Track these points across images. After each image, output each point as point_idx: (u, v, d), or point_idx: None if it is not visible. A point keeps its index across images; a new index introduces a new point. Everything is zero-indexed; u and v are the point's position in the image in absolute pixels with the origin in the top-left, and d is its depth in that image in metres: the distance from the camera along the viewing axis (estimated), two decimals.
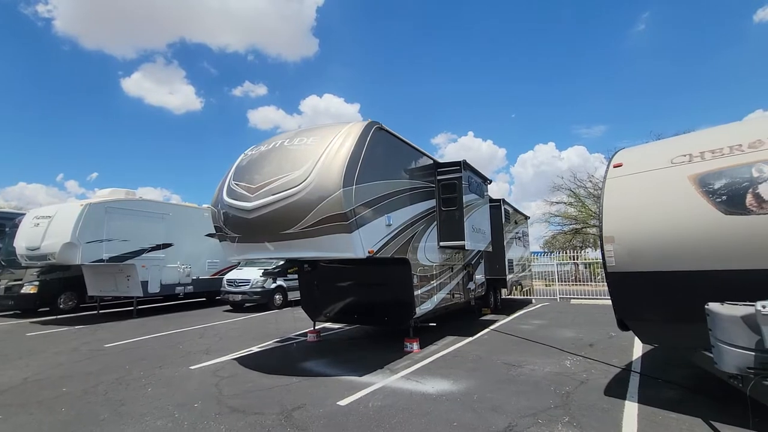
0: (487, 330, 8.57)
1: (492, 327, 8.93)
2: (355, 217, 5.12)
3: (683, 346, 4.40)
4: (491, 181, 9.91)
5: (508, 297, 14.03)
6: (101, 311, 12.30)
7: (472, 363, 5.86)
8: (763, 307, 2.80)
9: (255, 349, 7.12)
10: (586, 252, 25.14)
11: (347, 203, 5.01)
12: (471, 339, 7.58)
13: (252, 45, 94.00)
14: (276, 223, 5.23)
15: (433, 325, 7.47)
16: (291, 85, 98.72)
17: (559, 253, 19.04)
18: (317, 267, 7.14)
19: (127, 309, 12.56)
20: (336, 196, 4.96)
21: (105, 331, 9.16)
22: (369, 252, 5.35)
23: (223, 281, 13.17)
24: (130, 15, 73.75)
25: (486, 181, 9.48)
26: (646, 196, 3.96)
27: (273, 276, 8.46)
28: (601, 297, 14.18)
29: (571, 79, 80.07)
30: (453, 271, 8.34)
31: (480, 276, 10.03)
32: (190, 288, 13.08)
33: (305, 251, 5.33)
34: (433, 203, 7.51)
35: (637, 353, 6.19)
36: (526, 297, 15.40)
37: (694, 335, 3.46)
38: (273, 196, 5.21)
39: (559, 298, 14.96)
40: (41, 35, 65.71)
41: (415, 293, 6.55)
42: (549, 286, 16.58)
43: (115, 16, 74.29)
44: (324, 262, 6.92)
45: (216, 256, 13.48)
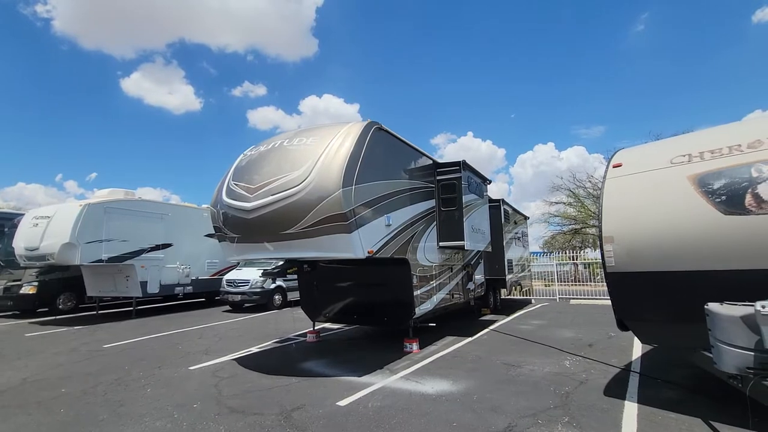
0: (486, 330, 8.57)
1: (491, 327, 8.93)
2: (355, 217, 5.12)
3: (683, 347, 4.40)
4: (491, 182, 9.93)
5: (508, 297, 14.02)
6: (100, 312, 12.30)
7: (471, 363, 5.86)
8: (763, 307, 2.80)
9: (254, 349, 7.11)
10: (585, 252, 25.20)
11: (347, 203, 5.01)
12: (470, 339, 7.58)
13: (251, 45, 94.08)
14: (275, 224, 5.23)
15: (433, 325, 7.47)
16: (290, 86, 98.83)
17: (559, 253, 19.02)
18: (317, 267, 7.14)
19: (127, 309, 12.54)
20: (335, 196, 4.96)
21: (104, 332, 9.15)
22: (368, 252, 5.35)
23: (223, 281, 13.15)
24: (130, 15, 73.78)
25: (485, 181, 9.48)
26: (645, 196, 3.96)
27: (272, 276, 8.45)
28: (600, 297, 14.18)
29: (571, 80, 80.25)
30: (452, 272, 8.34)
31: (479, 276, 10.04)
32: (190, 288, 13.07)
33: (305, 251, 5.33)
34: (432, 203, 7.52)
35: (636, 353, 6.19)
36: (525, 297, 15.42)
37: (694, 335, 3.46)
38: (272, 196, 5.21)
39: (559, 299, 14.97)
40: (40, 35, 65.72)
41: (414, 293, 6.55)
42: (548, 286, 16.60)
43: (115, 15, 74.31)
44: (323, 262, 6.92)
45: (215, 257, 13.48)
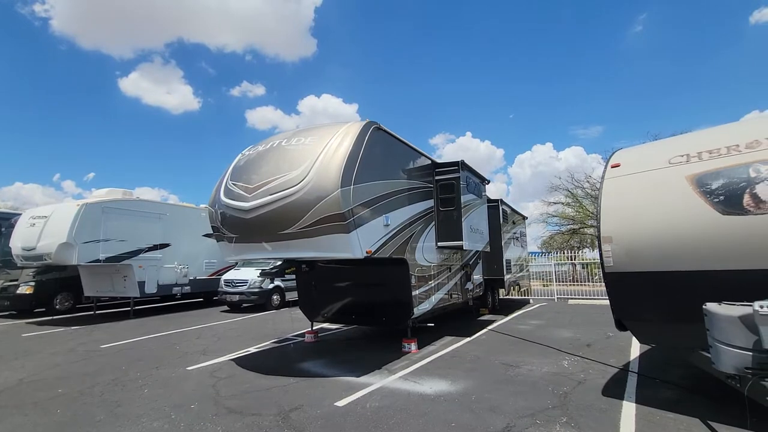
0: (485, 330, 8.57)
1: (490, 327, 8.93)
2: (353, 217, 5.11)
3: (681, 347, 4.40)
4: (489, 182, 9.95)
5: (506, 297, 14.03)
6: (98, 312, 12.26)
7: (470, 363, 5.85)
8: (761, 307, 2.80)
9: (252, 349, 7.09)
10: (583, 252, 25.25)
11: (345, 203, 5.00)
12: (469, 339, 7.57)
13: (250, 45, 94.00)
14: (274, 223, 5.21)
15: (431, 325, 7.46)
16: (289, 85, 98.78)
17: (557, 253, 19.06)
18: (315, 267, 7.12)
19: (124, 309, 12.51)
20: (334, 196, 4.95)
21: (101, 332, 9.11)
22: (367, 252, 5.34)
23: (221, 281, 13.13)
24: (128, 14, 73.64)
25: (484, 181, 9.49)
26: (643, 196, 3.97)
27: (271, 276, 8.42)
28: (598, 297, 14.22)
29: (570, 80, 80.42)
30: (451, 272, 8.34)
31: (478, 276, 10.04)
32: (188, 288, 13.04)
33: (303, 251, 5.31)
34: (431, 203, 7.51)
35: (634, 353, 6.20)
36: (523, 297, 15.44)
37: (692, 335, 3.46)
38: (271, 196, 5.19)
39: (557, 299, 14.98)
40: (38, 35, 65.53)
41: (413, 293, 6.55)
42: (547, 286, 16.61)
43: (113, 15, 74.16)
44: (322, 262, 6.90)
45: (213, 257, 13.46)
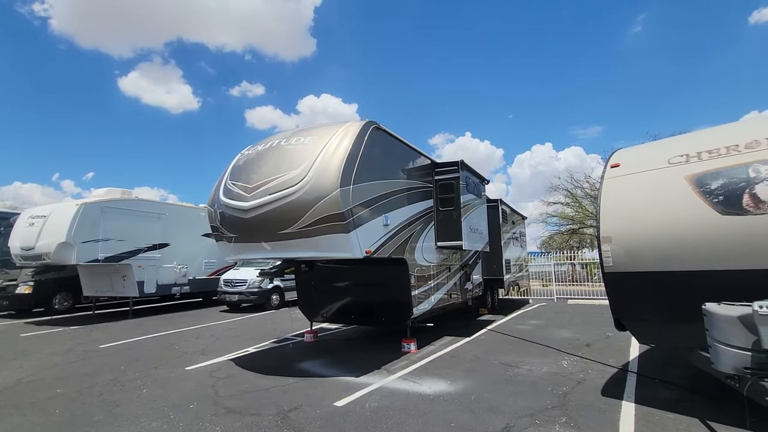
0: (484, 330, 8.57)
1: (489, 327, 8.93)
2: (353, 217, 5.10)
3: (680, 347, 4.40)
4: (488, 182, 9.95)
5: (506, 297, 14.03)
6: (97, 312, 12.24)
7: (469, 363, 5.85)
8: (760, 307, 2.80)
9: (251, 349, 7.09)
10: (582, 252, 25.26)
11: (344, 203, 5.00)
12: (468, 339, 7.57)
13: (249, 45, 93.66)
14: (273, 223, 5.21)
15: (431, 325, 7.46)
16: (288, 85, 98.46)
17: (556, 253, 19.06)
18: (314, 267, 7.12)
19: (123, 309, 12.50)
20: (333, 195, 4.94)
21: (100, 332, 9.10)
22: (366, 252, 5.34)
23: (220, 281, 13.12)
24: (127, 14, 73.46)
25: (483, 181, 9.49)
26: (643, 196, 3.97)
27: (270, 276, 8.41)
28: (598, 297, 14.22)
29: (569, 80, 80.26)
30: (450, 272, 8.33)
31: (477, 276, 10.04)
32: (187, 288, 13.03)
33: (302, 251, 5.31)
34: (430, 203, 7.51)
35: (633, 353, 6.20)
36: (523, 297, 15.45)
37: (692, 335, 3.46)
38: (270, 195, 5.19)
39: (556, 299, 14.98)
40: (37, 34, 65.29)
41: (412, 293, 6.54)
42: (546, 286, 16.62)
43: (112, 15, 73.92)
44: (321, 262, 6.89)
45: (213, 256, 13.45)
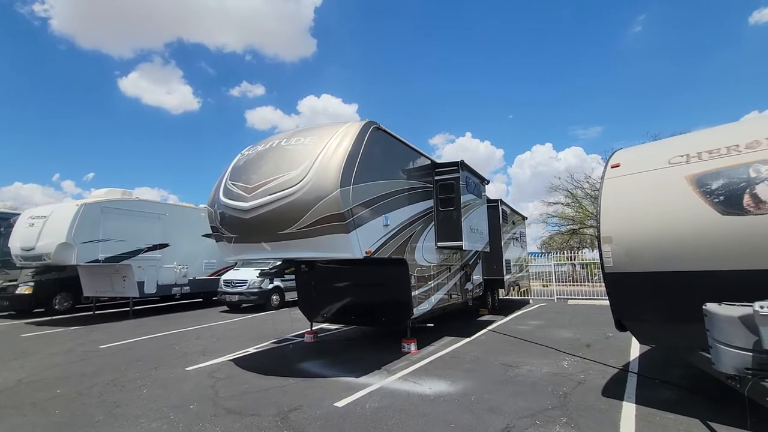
0: (484, 331, 8.56)
1: (489, 328, 8.92)
2: (353, 217, 5.10)
3: (681, 347, 4.40)
4: (489, 182, 9.94)
5: (506, 297, 14.03)
6: (97, 312, 12.25)
7: (469, 364, 5.84)
8: (761, 307, 2.80)
9: (252, 350, 7.08)
10: (583, 252, 25.22)
11: (344, 203, 4.99)
12: (468, 340, 7.57)
13: (249, 45, 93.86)
14: (273, 223, 5.20)
15: (431, 325, 7.45)
16: (289, 86, 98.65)
17: (557, 253, 19.07)
18: (314, 267, 7.11)
19: (123, 310, 12.50)
20: (333, 196, 4.94)
21: (100, 332, 9.10)
22: (366, 252, 5.33)
23: (220, 282, 13.12)
24: (128, 14, 73.61)
25: (483, 181, 9.48)
26: (643, 196, 3.96)
27: (270, 276, 8.41)
28: (598, 297, 14.21)
29: (569, 80, 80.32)
30: (450, 272, 8.33)
31: (477, 276, 10.03)
32: (187, 288, 13.03)
33: (302, 251, 5.30)
34: (430, 203, 7.50)
35: (634, 354, 6.19)
36: (523, 297, 15.44)
37: (692, 336, 3.46)
38: (270, 196, 5.18)
39: (557, 299, 14.97)
40: (38, 34, 65.42)
41: (412, 294, 6.54)
42: (546, 286, 16.61)
43: (112, 15, 74.07)
44: (321, 262, 6.89)
45: (213, 257, 13.45)
